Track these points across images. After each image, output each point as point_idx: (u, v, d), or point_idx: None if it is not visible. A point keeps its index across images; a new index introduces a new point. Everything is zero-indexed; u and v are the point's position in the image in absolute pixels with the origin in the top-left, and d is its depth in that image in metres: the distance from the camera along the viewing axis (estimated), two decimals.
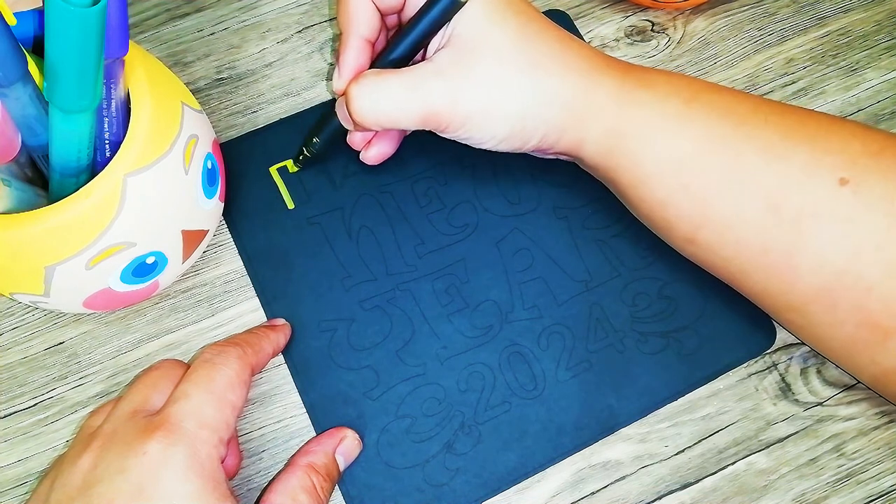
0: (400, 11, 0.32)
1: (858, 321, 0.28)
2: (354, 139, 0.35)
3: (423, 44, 0.31)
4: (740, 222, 0.29)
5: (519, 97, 0.30)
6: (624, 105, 0.31)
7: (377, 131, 0.35)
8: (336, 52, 0.40)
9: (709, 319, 0.34)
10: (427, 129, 0.32)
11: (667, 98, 0.30)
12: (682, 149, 0.30)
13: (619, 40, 0.40)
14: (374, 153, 0.35)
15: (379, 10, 0.32)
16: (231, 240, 0.36)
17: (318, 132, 0.35)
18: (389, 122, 0.31)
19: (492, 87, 0.30)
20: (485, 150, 0.33)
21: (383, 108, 0.30)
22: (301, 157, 0.36)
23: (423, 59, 0.32)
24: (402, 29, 0.31)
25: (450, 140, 0.32)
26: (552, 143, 0.32)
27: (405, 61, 0.31)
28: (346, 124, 0.33)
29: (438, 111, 0.30)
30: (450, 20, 0.30)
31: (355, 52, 0.31)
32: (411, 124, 0.31)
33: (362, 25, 0.31)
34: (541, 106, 0.30)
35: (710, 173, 0.29)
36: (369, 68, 0.32)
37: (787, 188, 0.28)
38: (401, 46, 0.31)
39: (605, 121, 0.31)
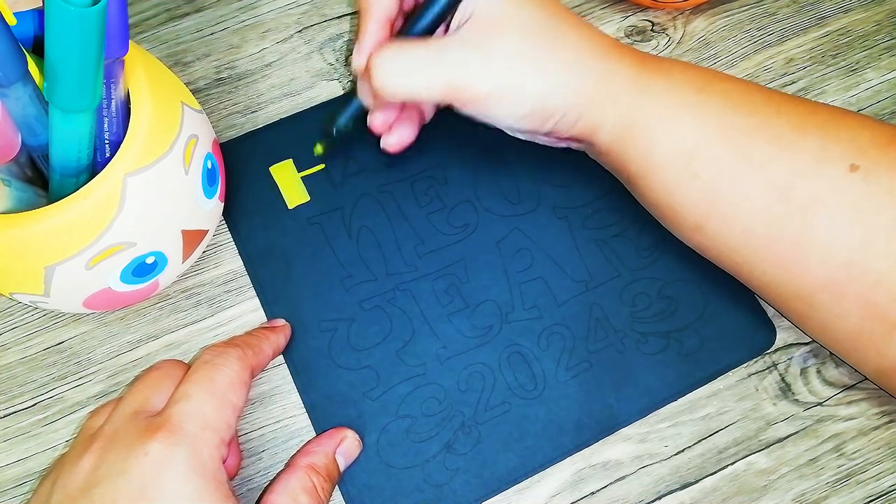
0: None
1: (865, 313, 0.28)
2: (375, 122, 0.34)
3: (444, 18, 0.31)
4: (749, 211, 0.29)
5: (542, 74, 0.30)
6: (638, 92, 0.31)
7: (398, 115, 0.34)
8: (355, 32, 0.39)
9: (709, 319, 0.34)
10: (447, 105, 0.31)
11: (680, 86, 0.30)
12: (693, 137, 0.30)
13: (619, 40, 0.40)
14: (395, 139, 0.35)
15: None
16: (231, 240, 0.36)
17: (342, 112, 0.35)
18: (411, 93, 0.30)
19: (516, 62, 0.30)
20: (485, 148, 0.33)
21: (405, 76, 0.30)
22: (327, 138, 0.35)
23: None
24: (422, 4, 0.31)
25: (450, 139, 0.32)
26: (569, 126, 0.32)
27: (426, 36, 0.31)
28: (367, 100, 0.33)
29: (461, 83, 0.30)
30: None
31: (375, 29, 0.31)
32: (433, 96, 0.30)
33: (383, 4, 0.31)
34: (562, 86, 0.30)
35: (720, 162, 0.29)
36: None
37: (797, 177, 0.28)
38: (422, 21, 0.31)
39: (619, 107, 0.31)
